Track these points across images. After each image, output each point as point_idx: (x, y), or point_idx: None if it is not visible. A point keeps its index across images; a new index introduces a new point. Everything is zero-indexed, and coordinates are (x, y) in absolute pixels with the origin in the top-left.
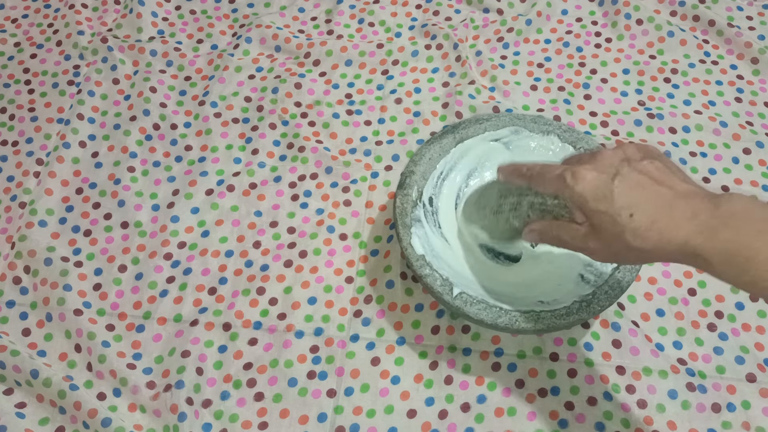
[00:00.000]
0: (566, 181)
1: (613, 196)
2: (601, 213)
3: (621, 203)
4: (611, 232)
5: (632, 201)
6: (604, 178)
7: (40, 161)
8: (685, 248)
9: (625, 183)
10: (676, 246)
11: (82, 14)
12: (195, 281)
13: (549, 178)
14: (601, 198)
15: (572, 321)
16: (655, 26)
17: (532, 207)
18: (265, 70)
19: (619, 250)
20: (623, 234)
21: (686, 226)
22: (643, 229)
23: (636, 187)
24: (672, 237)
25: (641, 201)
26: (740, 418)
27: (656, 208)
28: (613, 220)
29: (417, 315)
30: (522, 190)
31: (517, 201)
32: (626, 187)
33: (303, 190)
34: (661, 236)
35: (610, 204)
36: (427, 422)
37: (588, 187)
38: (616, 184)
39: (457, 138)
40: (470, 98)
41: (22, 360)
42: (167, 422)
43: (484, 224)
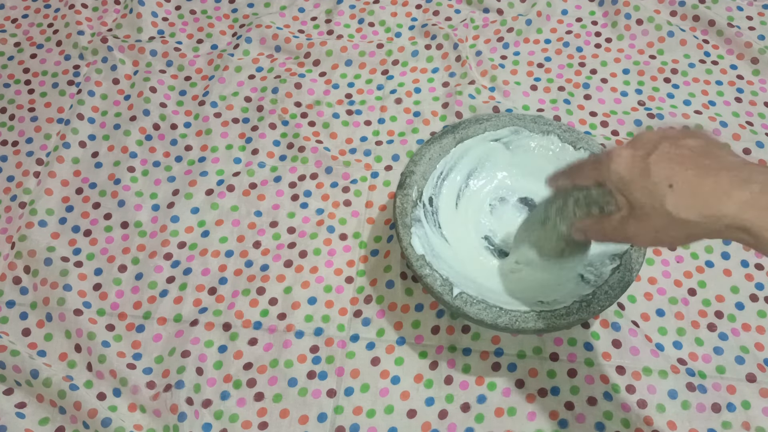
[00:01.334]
0: (602, 163)
1: (649, 169)
2: (638, 189)
3: (659, 176)
4: (650, 206)
5: (671, 173)
6: (640, 154)
7: (40, 161)
8: (735, 220)
9: (663, 157)
10: (725, 215)
11: (82, 14)
12: (195, 281)
13: (586, 165)
14: (638, 173)
15: (572, 321)
16: (655, 26)
17: (577, 203)
18: (265, 70)
19: (661, 226)
20: (664, 206)
21: (736, 194)
22: (685, 198)
23: (675, 159)
24: (720, 206)
25: (681, 171)
26: (740, 418)
27: (699, 177)
28: (650, 193)
29: (417, 315)
30: (567, 191)
31: (563, 203)
32: (664, 161)
33: (303, 190)
34: (708, 205)
35: (646, 178)
36: (427, 422)
37: (623, 164)
38: (652, 158)
39: (457, 138)
40: (470, 98)
41: (22, 360)
42: (167, 422)
43: (532, 240)
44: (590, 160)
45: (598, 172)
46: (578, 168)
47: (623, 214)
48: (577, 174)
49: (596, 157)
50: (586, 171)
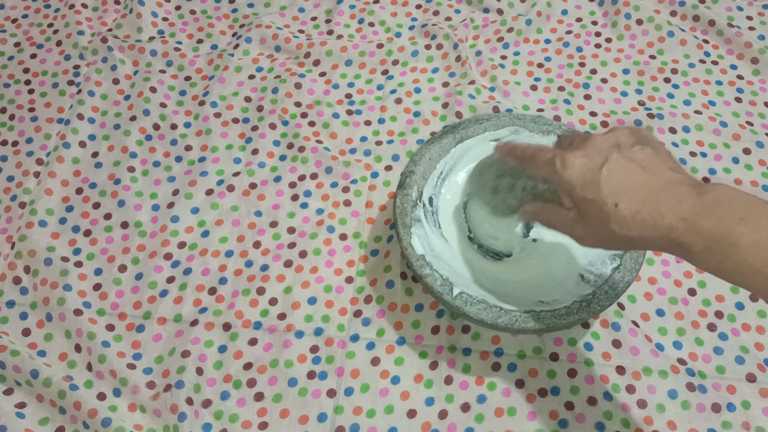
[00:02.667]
0: (555, 167)
1: (599, 184)
2: (588, 201)
3: (607, 192)
4: (597, 218)
5: (618, 189)
6: (592, 166)
7: (40, 161)
8: (668, 236)
9: (613, 171)
10: (659, 234)
11: (82, 14)
12: (195, 281)
13: (540, 162)
14: (588, 186)
15: (572, 321)
16: (655, 26)
17: (524, 189)
18: (265, 70)
19: (605, 237)
20: (609, 222)
21: (669, 214)
22: (628, 218)
23: (623, 174)
24: (656, 225)
25: (627, 189)
26: (740, 418)
27: (642, 196)
28: (599, 208)
29: (417, 315)
30: (517, 172)
31: (512, 182)
32: (613, 176)
33: (303, 190)
34: (645, 225)
35: (596, 192)
36: (427, 422)
37: (576, 174)
38: (603, 173)
39: (457, 138)
40: (470, 98)
41: (22, 360)
42: (167, 422)
43: (485, 200)
44: (545, 157)
45: (550, 174)
46: (531, 159)
47: (572, 216)
48: (529, 164)
49: (551, 156)
50: (537, 166)
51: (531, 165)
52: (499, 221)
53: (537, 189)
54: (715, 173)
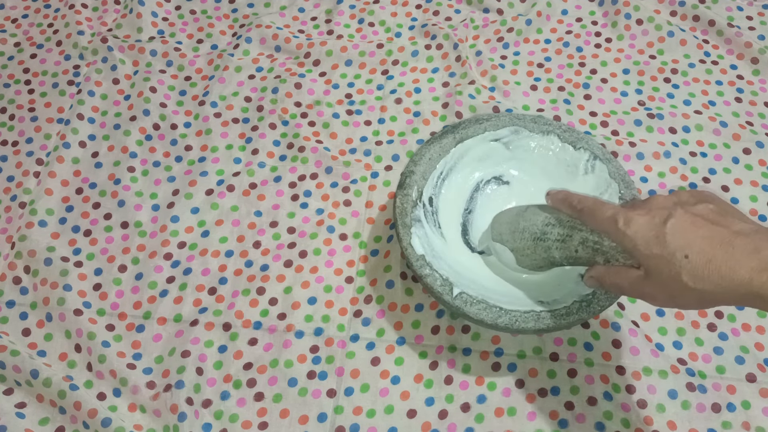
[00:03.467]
0: (618, 224)
1: (665, 238)
2: (655, 257)
3: (675, 245)
4: (667, 275)
5: (686, 242)
6: (656, 222)
7: (40, 161)
8: (748, 286)
9: (678, 225)
10: (737, 284)
11: (82, 14)
12: (195, 281)
13: (600, 218)
14: (654, 241)
15: (572, 321)
16: (655, 26)
17: (584, 244)
18: (265, 70)
19: (677, 294)
20: (680, 276)
21: (748, 263)
22: (701, 269)
23: (690, 228)
24: (733, 275)
25: (696, 241)
26: (740, 418)
27: (712, 246)
28: (667, 262)
29: (417, 315)
30: (575, 224)
31: (568, 234)
32: (679, 229)
33: (303, 190)
34: (721, 275)
35: (663, 247)
36: (427, 422)
37: (640, 230)
38: (668, 227)
39: (457, 138)
40: (470, 98)
41: (22, 360)
42: (167, 422)
43: (516, 247)
44: (606, 214)
45: (612, 230)
46: (590, 212)
47: (640, 274)
48: (587, 217)
49: (612, 213)
50: (597, 221)
51: (590, 218)
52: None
53: (602, 245)
54: (715, 173)
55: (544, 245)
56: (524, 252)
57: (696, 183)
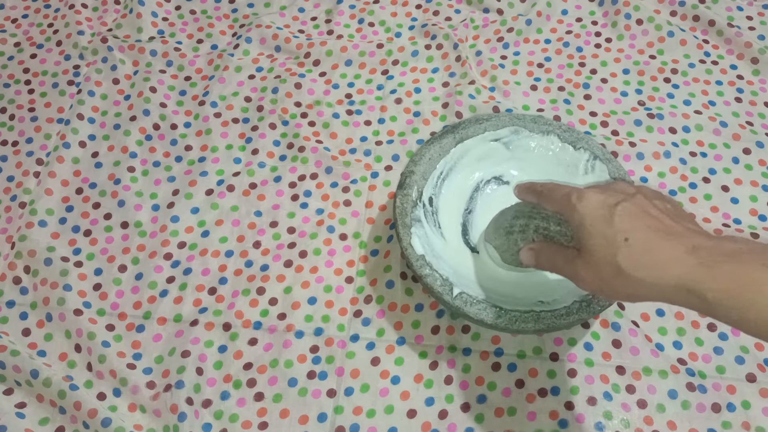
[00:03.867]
0: (571, 199)
1: (612, 218)
2: (596, 234)
3: (618, 227)
4: (603, 255)
5: (631, 227)
6: (608, 202)
7: (40, 161)
8: (682, 281)
9: (628, 210)
10: (671, 278)
11: (82, 14)
12: (195, 281)
13: (556, 196)
14: (600, 219)
15: (572, 321)
16: (655, 26)
17: (536, 231)
18: (265, 70)
19: (607, 278)
20: (615, 257)
21: (685, 259)
22: (637, 255)
23: (638, 215)
24: (668, 268)
25: (640, 228)
26: (740, 418)
27: (655, 237)
28: (607, 242)
29: (417, 315)
30: (532, 213)
31: (526, 223)
32: (628, 214)
33: (303, 190)
34: (656, 266)
35: (607, 226)
36: (427, 422)
37: (590, 206)
38: (618, 209)
39: (457, 138)
40: (470, 98)
41: (22, 360)
42: (167, 422)
43: (497, 244)
44: (562, 191)
45: (564, 206)
46: (548, 193)
47: (576, 252)
48: (545, 198)
49: (568, 191)
50: (554, 200)
51: (547, 198)
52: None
53: (549, 231)
54: (715, 173)
55: (513, 238)
56: (503, 248)
57: (696, 183)
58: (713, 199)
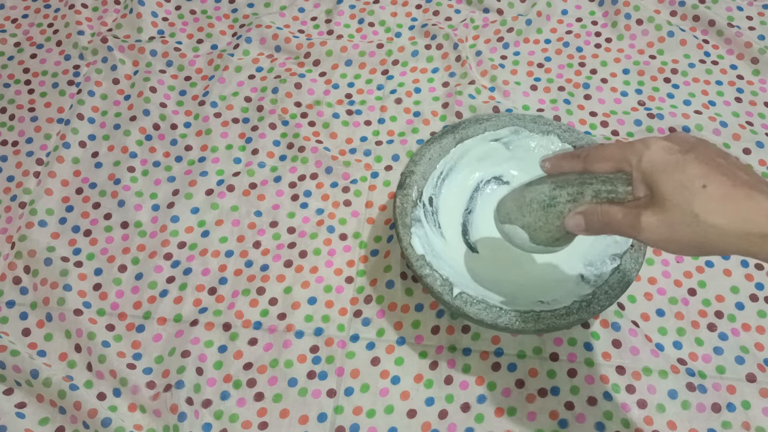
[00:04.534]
0: (635, 148)
1: (686, 164)
2: (671, 180)
3: (694, 173)
4: (678, 201)
5: (706, 173)
6: (677, 149)
7: (40, 161)
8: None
9: (700, 156)
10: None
11: (82, 14)
12: (195, 281)
13: (611, 152)
14: (673, 165)
15: (572, 321)
16: (655, 26)
17: (597, 196)
18: (265, 70)
19: (679, 225)
20: (692, 204)
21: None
22: (716, 202)
23: (711, 162)
24: (749, 213)
25: (716, 175)
26: (740, 418)
27: (732, 186)
28: (683, 187)
29: (417, 315)
30: (584, 179)
31: (578, 191)
32: (701, 161)
33: (303, 190)
34: (737, 212)
35: (682, 172)
36: (427, 422)
37: (659, 153)
38: (690, 156)
39: (457, 138)
40: (470, 98)
41: (22, 360)
42: (167, 422)
43: (527, 222)
44: (616, 146)
45: (625, 157)
46: (597, 152)
47: (639, 203)
48: (594, 158)
49: (623, 144)
50: (608, 155)
51: (598, 159)
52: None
53: (617, 193)
54: None
55: (556, 211)
56: (536, 225)
57: None
58: None
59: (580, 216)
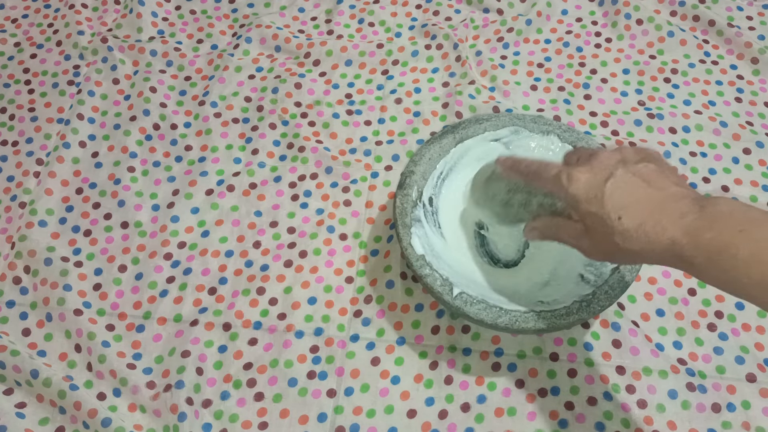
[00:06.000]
0: (561, 181)
1: (603, 198)
2: (592, 214)
3: (611, 206)
4: (601, 232)
5: (622, 203)
6: (597, 181)
7: (40, 161)
8: (671, 249)
9: (617, 185)
10: (662, 248)
11: (82, 14)
12: (195, 281)
13: (545, 178)
14: (593, 200)
15: (572, 321)
16: (655, 26)
17: (542, 206)
18: (265, 70)
19: (609, 251)
20: (612, 236)
21: (672, 228)
22: (631, 232)
23: (627, 189)
24: (658, 239)
25: (631, 203)
26: (740, 418)
27: (645, 210)
28: (603, 221)
29: (417, 315)
30: (531, 189)
31: (527, 199)
32: (617, 190)
33: (303, 190)
34: (648, 238)
35: (600, 206)
36: (427, 422)
37: (581, 188)
38: (607, 187)
39: (457, 138)
40: (470, 98)
41: (22, 360)
42: (167, 422)
43: (492, 210)
44: (550, 173)
45: (556, 188)
46: (536, 174)
47: (582, 228)
48: (534, 180)
49: (556, 172)
50: (543, 182)
51: (536, 180)
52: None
53: (556, 206)
54: (715, 173)
55: (512, 210)
56: (500, 213)
57: (696, 183)
58: None
59: (536, 231)
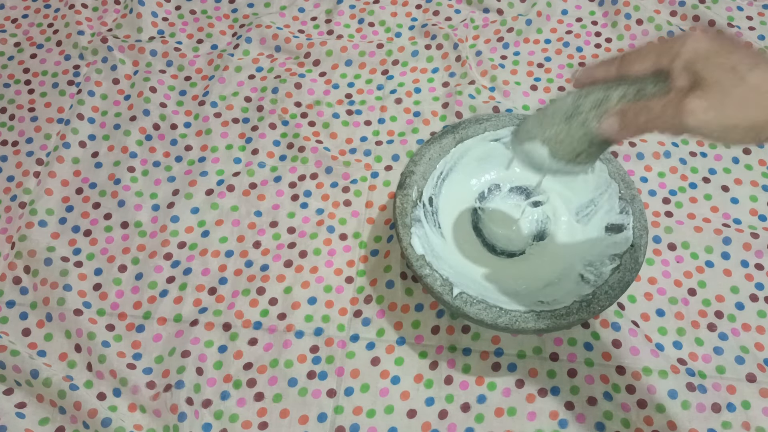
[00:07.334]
0: (677, 38)
1: (732, 50)
2: (717, 65)
3: (740, 56)
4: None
5: (754, 58)
6: (720, 38)
7: (40, 161)
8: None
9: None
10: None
11: (82, 14)
12: (195, 281)
13: (647, 50)
14: (718, 51)
15: (572, 321)
16: (655, 26)
17: (624, 98)
18: (265, 70)
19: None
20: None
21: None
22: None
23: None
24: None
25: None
26: (740, 418)
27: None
28: (732, 69)
29: (417, 315)
30: (610, 84)
31: (604, 96)
32: (747, 51)
33: (303, 190)
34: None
35: (728, 57)
36: (427, 422)
37: (703, 41)
38: (736, 42)
39: (457, 138)
40: (470, 98)
41: (22, 360)
42: (167, 422)
43: (547, 136)
44: (649, 45)
45: (665, 50)
46: (632, 53)
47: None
48: (631, 59)
49: (657, 41)
50: (646, 53)
51: (634, 58)
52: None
53: (645, 91)
54: (715, 173)
55: (579, 119)
56: (558, 138)
57: (696, 183)
58: (713, 199)
59: (614, 117)
